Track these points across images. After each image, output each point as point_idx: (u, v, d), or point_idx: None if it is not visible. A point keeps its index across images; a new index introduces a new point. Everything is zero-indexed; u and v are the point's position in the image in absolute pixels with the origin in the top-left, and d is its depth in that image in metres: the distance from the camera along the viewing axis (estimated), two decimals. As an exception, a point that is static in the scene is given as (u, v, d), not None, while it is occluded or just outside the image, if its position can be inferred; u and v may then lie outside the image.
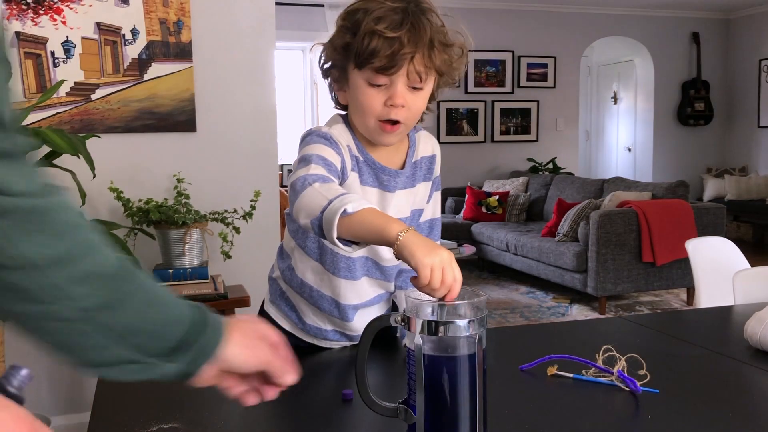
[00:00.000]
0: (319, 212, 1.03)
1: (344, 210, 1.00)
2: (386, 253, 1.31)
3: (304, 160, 1.16)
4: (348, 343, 1.41)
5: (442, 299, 0.90)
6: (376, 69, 1.15)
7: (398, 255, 0.96)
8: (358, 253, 1.25)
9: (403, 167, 1.31)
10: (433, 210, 1.40)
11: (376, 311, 1.38)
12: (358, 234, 1.01)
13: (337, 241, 1.01)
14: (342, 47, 1.19)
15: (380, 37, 1.12)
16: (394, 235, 0.96)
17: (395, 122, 1.20)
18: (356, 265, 1.31)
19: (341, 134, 1.25)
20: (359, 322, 1.35)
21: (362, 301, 1.35)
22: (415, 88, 1.18)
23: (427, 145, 1.36)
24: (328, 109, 1.31)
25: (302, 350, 1.36)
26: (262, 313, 1.47)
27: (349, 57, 1.18)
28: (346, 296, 1.33)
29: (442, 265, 0.91)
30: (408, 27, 1.13)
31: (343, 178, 1.21)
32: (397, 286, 1.40)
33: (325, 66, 1.26)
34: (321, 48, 1.26)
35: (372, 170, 1.28)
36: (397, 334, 1.34)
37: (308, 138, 1.23)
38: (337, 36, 1.20)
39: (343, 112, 1.30)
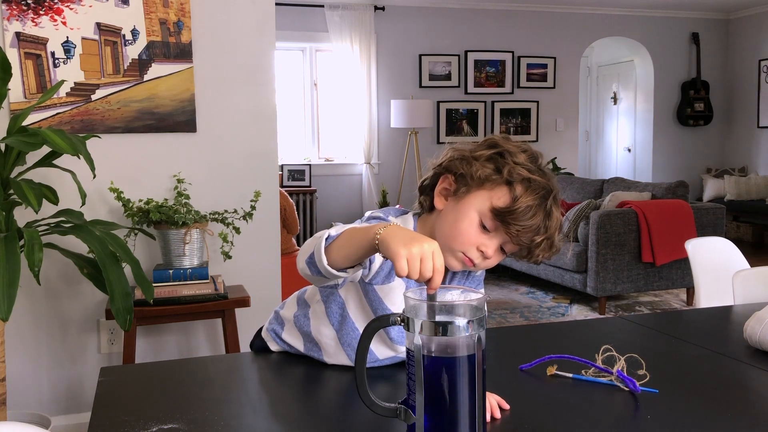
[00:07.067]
0: (312, 249, 1.06)
1: (328, 236, 1.03)
2: (395, 333, 1.26)
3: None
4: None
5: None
6: (509, 232, 1.12)
7: (381, 252, 0.95)
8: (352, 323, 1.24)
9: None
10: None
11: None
12: (346, 252, 1.02)
13: (329, 268, 1.02)
14: (484, 178, 1.14)
15: (535, 216, 1.12)
16: (374, 235, 0.95)
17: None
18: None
19: None
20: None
21: (372, 360, 1.30)
22: (504, 250, 1.17)
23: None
24: (328, 110, 1.29)
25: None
26: (258, 339, 1.44)
27: (484, 186, 1.14)
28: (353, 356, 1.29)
29: (420, 254, 0.89)
30: (552, 220, 1.15)
31: (389, 279, 1.18)
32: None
33: (453, 169, 1.18)
34: (453, 149, 1.20)
35: None
36: None
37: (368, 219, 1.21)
38: (486, 166, 1.15)
39: (418, 211, 1.26)
